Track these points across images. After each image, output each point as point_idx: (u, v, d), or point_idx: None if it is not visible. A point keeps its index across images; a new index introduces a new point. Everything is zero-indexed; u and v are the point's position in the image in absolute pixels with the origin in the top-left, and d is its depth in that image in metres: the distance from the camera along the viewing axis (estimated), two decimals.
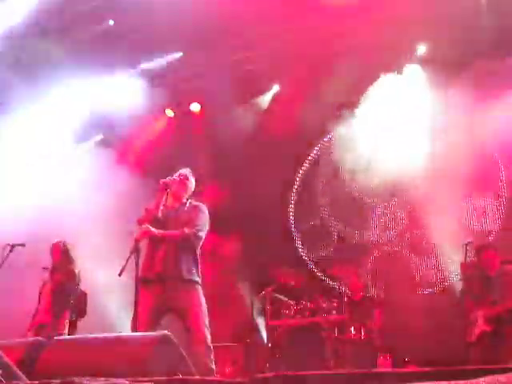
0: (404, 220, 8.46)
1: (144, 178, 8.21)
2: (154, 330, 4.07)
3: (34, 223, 7.03)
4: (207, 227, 4.62)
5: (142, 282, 4.27)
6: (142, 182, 8.07)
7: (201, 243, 4.58)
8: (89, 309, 6.74)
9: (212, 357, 4.23)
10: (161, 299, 4.31)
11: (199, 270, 4.53)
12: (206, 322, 4.31)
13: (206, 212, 4.67)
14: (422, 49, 8.13)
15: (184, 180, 4.70)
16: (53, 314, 6.16)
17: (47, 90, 8.06)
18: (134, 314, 4.10)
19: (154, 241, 4.45)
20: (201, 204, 4.72)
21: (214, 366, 4.23)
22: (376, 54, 7.66)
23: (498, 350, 5.62)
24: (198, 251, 4.58)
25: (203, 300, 4.40)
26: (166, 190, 4.45)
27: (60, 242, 6.51)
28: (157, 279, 4.33)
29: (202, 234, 4.53)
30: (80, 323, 6.62)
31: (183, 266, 4.38)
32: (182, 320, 4.34)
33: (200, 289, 4.45)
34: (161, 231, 4.40)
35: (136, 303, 4.10)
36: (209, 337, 4.28)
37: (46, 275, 6.47)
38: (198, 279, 4.47)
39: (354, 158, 8.60)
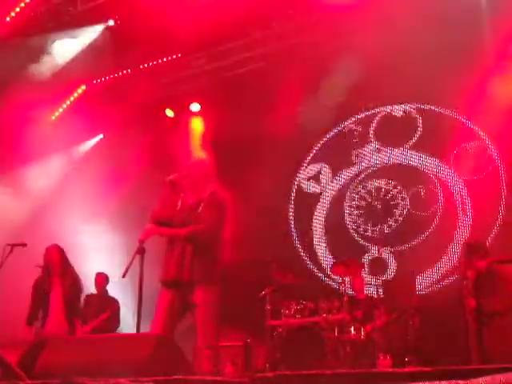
0: (405, 219, 8.45)
1: (144, 178, 8.21)
2: (169, 331, 4.04)
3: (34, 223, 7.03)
4: (221, 222, 4.32)
5: (161, 284, 4.28)
6: (142, 182, 8.07)
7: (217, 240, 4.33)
8: None
9: (217, 359, 4.20)
10: (176, 301, 4.20)
11: (218, 269, 4.31)
12: (216, 326, 4.22)
13: (222, 205, 4.36)
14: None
15: (195, 171, 4.39)
16: (68, 323, 6.00)
17: None
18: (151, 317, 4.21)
19: (171, 242, 4.30)
20: (219, 197, 4.41)
21: (218, 367, 4.22)
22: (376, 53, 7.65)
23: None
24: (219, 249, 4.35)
25: (217, 303, 4.23)
26: (173, 188, 4.29)
27: (55, 244, 6.20)
28: (173, 282, 4.22)
29: (212, 230, 4.24)
30: None
31: (199, 268, 4.18)
32: (194, 320, 4.24)
33: (216, 291, 4.25)
34: (166, 230, 4.26)
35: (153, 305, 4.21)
36: (217, 339, 4.22)
37: (42, 277, 6.15)
38: (215, 280, 4.26)
39: (355, 156, 8.60)
